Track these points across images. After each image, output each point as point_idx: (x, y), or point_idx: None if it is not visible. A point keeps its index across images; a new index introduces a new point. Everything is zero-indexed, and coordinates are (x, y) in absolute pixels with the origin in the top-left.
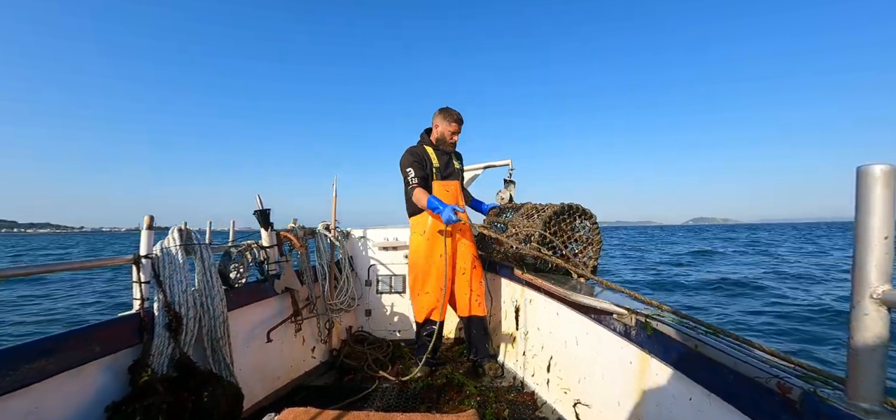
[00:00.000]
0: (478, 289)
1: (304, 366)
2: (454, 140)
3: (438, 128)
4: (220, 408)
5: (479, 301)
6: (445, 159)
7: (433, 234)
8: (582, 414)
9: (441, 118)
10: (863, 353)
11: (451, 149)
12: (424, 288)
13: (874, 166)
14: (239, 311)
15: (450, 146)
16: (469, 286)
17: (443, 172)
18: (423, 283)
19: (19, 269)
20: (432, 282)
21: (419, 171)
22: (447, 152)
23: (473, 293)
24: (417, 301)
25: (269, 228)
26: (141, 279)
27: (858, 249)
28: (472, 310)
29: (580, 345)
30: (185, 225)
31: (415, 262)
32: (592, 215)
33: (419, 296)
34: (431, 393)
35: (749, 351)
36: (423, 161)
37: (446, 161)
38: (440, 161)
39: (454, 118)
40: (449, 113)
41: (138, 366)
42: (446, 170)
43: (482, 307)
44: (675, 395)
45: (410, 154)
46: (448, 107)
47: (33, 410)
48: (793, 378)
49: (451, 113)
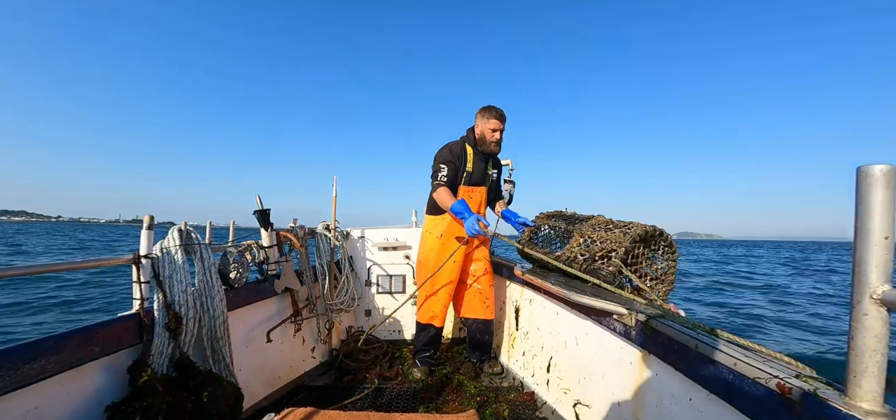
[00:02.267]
0: (488, 292)
1: (304, 366)
2: (495, 137)
3: (479, 126)
4: (220, 408)
5: (488, 305)
6: (482, 164)
7: (449, 238)
8: (582, 414)
9: (481, 116)
10: (863, 354)
11: (492, 149)
12: (432, 290)
13: (874, 167)
14: (239, 311)
15: (491, 146)
16: (480, 291)
17: (473, 177)
18: (431, 285)
19: (19, 269)
20: (440, 286)
21: (451, 170)
22: (486, 155)
23: (482, 296)
24: (424, 302)
25: (269, 228)
26: (141, 279)
27: (858, 250)
28: (482, 314)
29: (580, 345)
30: (185, 225)
31: (425, 262)
32: (676, 250)
33: (427, 298)
34: (431, 393)
35: (749, 351)
36: (459, 160)
37: (483, 166)
38: (476, 164)
39: (494, 114)
40: (489, 110)
41: (138, 366)
42: (479, 174)
43: (490, 311)
44: (675, 395)
45: (448, 150)
46: (490, 104)
47: (33, 410)
48: (793, 378)
49: (492, 109)
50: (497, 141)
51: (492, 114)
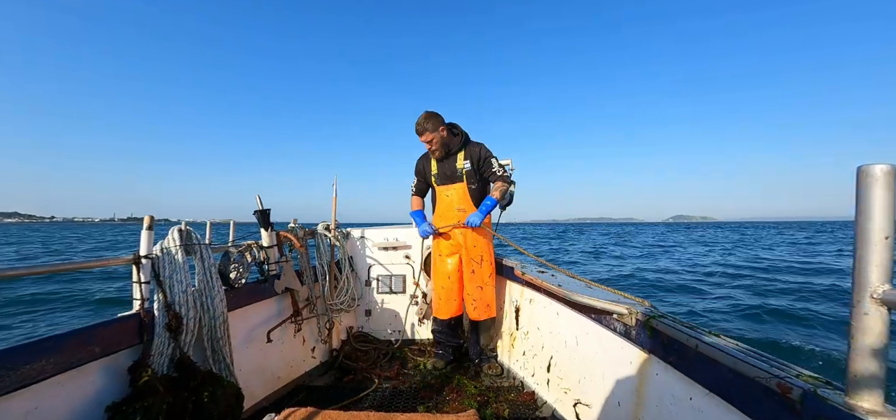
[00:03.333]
0: (476, 294)
1: (304, 366)
2: (430, 148)
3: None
4: (220, 408)
5: (478, 305)
6: (445, 164)
7: (438, 237)
8: (582, 414)
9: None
10: (863, 353)
11: (436, 157)
12: (434, 286)
13: (874, 166)
14: (239, 311)
15: (434, 154)
16: (478, 290)
17: (442, 177)
18: (433, 281)
19: (19, 269)
20: (437, 282)
21: (419, 180)
22: (446, 154)
23: (470, 297)
24: (433, 298)
25: (269, 228)
26: (141, 279)
27: (859, 249)
28: (475, 313)
29: (580, 345)
30: (185, 224)
31: (433, 262)
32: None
33: (433, 293)
34: (431, 393)
35: (749, 351)
36: (423, 169)
37: (447, 165)
38: (439, 167)
39: (415, 131)
40: (415, 126)
41: (138, 366)
42: (448, 172)
43: (482, 311)
44: (676, 395)
45: (416, 163)
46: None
47: (33, 410)
48: (793, 378)
49: (415, 126)
50: (431, 150)
51: (415, 130)
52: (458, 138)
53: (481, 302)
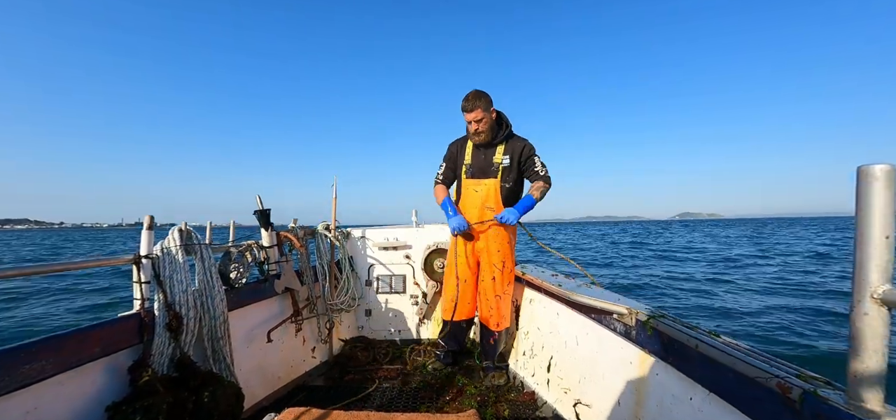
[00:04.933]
0: (494, 302)
1: (305, 366)
2: (471, 129)
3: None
4: (221, 408)
5: (494, 315)
6: (482, 154)
7: (457, 235)
8: (582, 414)
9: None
10: (863, 353)
11: (476, 140)
12: (446, 286)
13: (874, 166)
14: (239, 311)
15: (474, 138)
16: (494, 295)
17: (474, 168)
18: (445, 280)
19: (19, 268)
20: (448, 282)
21: (448, 167)
22: (484, 146)
23: (487, 305)
24: (443, 298)
25: (270, 228)
26: (141, 279)
27: (859, 249)
28: (487, 322)
29: (580, 345)
30: (185, 225)
31: (447, 260)
32: None
33: (443, 293)
34: (431, 393)
35: (749, 351)
36: (454, 156)
37: (483, 156)
38: (474, 157)
39: (462, 107)
40: (462, 101)
41: (139, 366)
42: (482, 165)
43: (498, 322)
44: (676, 395)
45: (448, 147)
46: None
47: (33, 410)
48: (793, 378)
49: (463, 101)
50: (475, 131)
51: (462, 106)
52: (503, 129)
53: (498, 312)
